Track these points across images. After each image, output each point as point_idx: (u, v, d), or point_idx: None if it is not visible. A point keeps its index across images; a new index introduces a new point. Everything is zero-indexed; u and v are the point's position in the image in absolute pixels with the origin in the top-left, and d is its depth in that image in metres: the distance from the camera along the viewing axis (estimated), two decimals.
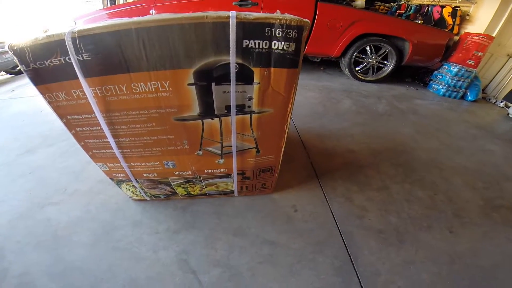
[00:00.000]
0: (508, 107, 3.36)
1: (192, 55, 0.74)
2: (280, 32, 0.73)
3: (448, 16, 3.94)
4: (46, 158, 1.84)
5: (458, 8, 3.94)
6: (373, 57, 3.56)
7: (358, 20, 3.26)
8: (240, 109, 0.90)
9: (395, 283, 1.06)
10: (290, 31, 0.73)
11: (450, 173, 1.79)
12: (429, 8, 4.08)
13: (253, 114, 0.93)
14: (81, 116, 0.88)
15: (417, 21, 3.99)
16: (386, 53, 3.54)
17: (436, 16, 4.04)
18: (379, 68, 3.73)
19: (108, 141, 0.96)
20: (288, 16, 0.72)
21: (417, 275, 1.09)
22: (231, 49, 0.74)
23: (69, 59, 0.72)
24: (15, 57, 0.73)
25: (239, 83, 0.82)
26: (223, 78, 0.81)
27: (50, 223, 1.28)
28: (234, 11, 0.71)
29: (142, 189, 1.25)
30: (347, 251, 1.17)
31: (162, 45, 0.72)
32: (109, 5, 3.98)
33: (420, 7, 4.13)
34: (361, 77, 3.73)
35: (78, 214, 1.34)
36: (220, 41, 0.73)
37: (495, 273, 1.13)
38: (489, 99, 3.87)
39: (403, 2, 4.22)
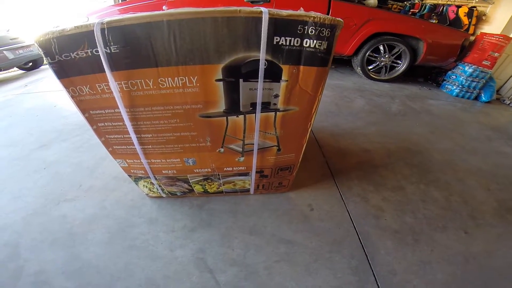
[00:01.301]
0: None
1: (222, 50, 0.73)
2: (313, 30, 0.72)
3: (464, 16, 3.88)
4: (61, 153, 1.85)
5: (475, 8, 3.87)
6: (386, 56, 3.53)
7: (371, 19, 3.22)
8: (266, 106, 0.89)
9: (410, 282, 1.05)
10: (323, 30, 0.72)
11: (465, 174, 1.77)
12: (444, 8, 4.02)
13: (277, 112, 0.92)
14: (104, 111, 0.87)
15: (431, 21, 3.93)
16: (399, 52, 3.50)
17: (452, 16, 3.99)
18: (392, 68, 3.69)
19: (130, 137, 0.95)
20: (322, 14, 0.71)
21: (432, 274, 1.09)
22: (261, 45, 0.72)
23: (97, 51, 0.71)
24: (40, 49, 0.71)
25: (267, 80, 0.81)
26: (251, 75, 0.79)
27: (65, 220, 1.29)
28: (266, 8, 0.69)
29: (160, 186, 1.25)
30: (364, 251, 1.17)
31: (193, 38, 0.70)
32: (120, 1, 3.98)
33: (435, 6, 4.07)
34: (373, 76, 3.70)
35: (94, 211, 1.34)
36: (251, 37, 0.71)
37: (509, 274, 1.12)
38: (504, 100, 3.80)
39: (417, 1, 4.16)
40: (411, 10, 4.08)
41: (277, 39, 0.72)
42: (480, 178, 1.74)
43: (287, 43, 0.74)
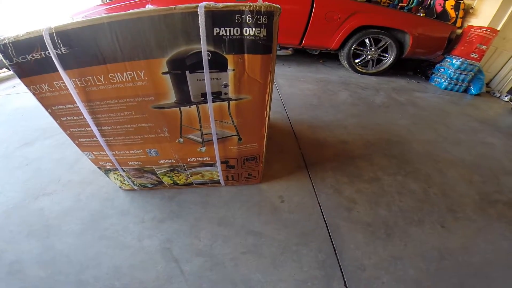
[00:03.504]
0: None
1: (164, 45, 0.76)
2: (251, 19, 0.74)
3: (451, 9, 3.88)
4: (43, 150, 1.88)
5: (462, 1, 3.87)
6: (373, 49, 3.52)
7: (356, 12, 3.21)
8: (217, 96, 0.91)
9: (379, 279, 1.03)
10: (260, 17, 0.74)
11: (446, 165, 1.76)
12: (432, 1, 4.01)
13: (230, 101, 0.94)
14: (64, 106, 0.91)
15: (419, 14, 3.93)
16: (386, 45, 3.50)
17: (439, 9, 3.99)
18: (379, 61, 3.69)
19: (92, 130, 0.99)
20: (258, 2, 0.73)
21: (403, 271, 1.07)
22: (201, 37, 0.75)
23: (49, 53, 0.76)
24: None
25: (214, 70, 0.83)
26: (197, 66, 0.82)
27: (42, 212, 1.31)
28: (204, 2, 0.72)
29: (129, 178, 1.28)
30: (332, 244, 1.16)
31: (134, 37, 0.74)
32: (107, 1, 3.98)
33: (422, 0, 4.06)
34: (360, 69, 3.70)
35: (69, 203, 1.36)
36: (190, 30, 0.74)
37: (487, 271, 1.10)
38: (494, 93, 3.80)
39: None
40: (400, 4, 4.07)
41: (216, 30, 0.75)
42: (462, 170, 1.72)
43: (228, 33, 0.76)
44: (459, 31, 3.64)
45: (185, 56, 0.79)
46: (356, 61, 3.65)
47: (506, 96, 3.57)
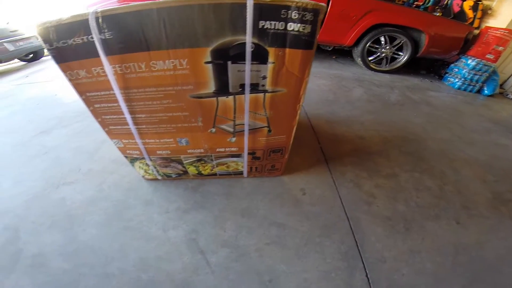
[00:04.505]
0: None
1: (210, 34, 0.76)
2: (296, 15, 0.75)
3: (469, 9, 3.84)
4: (61, 139, 1.89)
5: (480, 2, 3.82)
6: (387, 47, 3.51)
7: (372, 10, 3.19)
8: (254, 87, 0.92)
9: (399, 270, 1.05)
10: (306, 14, 0.75)
11: (461, 164, 1.77)
12: (449, 1, 3.96)
13: (266, 93, 0.94)
14: (100, 93, 0.91)
15: (435, 13, 3.88)
16: (401, 44, 3.47)
17: (456, 9, 3.94)
18: (393, 59, 3.67)
19: (125, 117, 0.99)
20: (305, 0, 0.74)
21: (421, 263, 1.09)
22: (247, 29, 0.76)
23: (92, 38, 0.75)
24: (39, 37, 0.77)
25: (254, 62, 0.84)
26: (239, 57, 0.82)
27: (64, 202, 1.32)
28: None
29: (155, 167, 1.29)
30: (354, 237, 1.18)
31: (182, 24, 0.74)
32: None
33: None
34: (374, 67, 3.68)
35: (92, 193, 1.37)
36: (237, 22, 0.75)
37: (499, 266, 1.12)
38: (507, 95, 3.76)
39: None
40: (415, 3, 4.02)
41: (262, 23, 0.76)
42: (476, 169, 1.73)
43: (272, 27, 0.77)
44: (476, 31, 3.61)
45: (229, 47, 0.79)
46: (370, 58, 3.64)
47: None
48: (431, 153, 1.86)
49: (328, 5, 3.11)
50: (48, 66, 4.42)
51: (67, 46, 0.77)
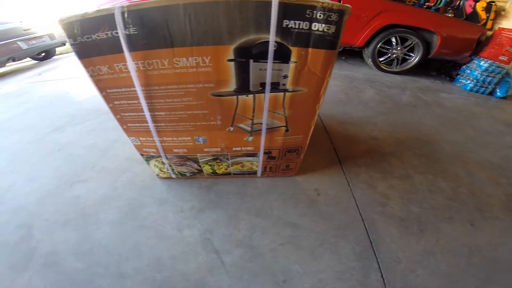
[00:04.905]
0: None
1: (234, 31, 0.76)
2: (322, 15, 0.74)
3: (482, 10, 3.76)
4: (74, 136, 1.92)
5: (493, 3, 3.75)
6: (399, 48, 3.47)
7: (384, 11, 3.16)
8: (275, 86, 0.92)
9: (414, 271, 1.05)
10: (331, 14, 0.75)
11: (474, 167, 1.75)
12: (461, 2, 3.90)
13: (286, 93, 0.94)
14: (120, 90, 0.92)
15: (447, 14, 3.83)
16: (412, 45, 3.43)
17: (469, 10, 3.88)
18: (404, 60, 3.62)
19: (144, 115, 0.99)
20: (330, 0, 0.74)
21: (436, 265, 1.09)
22: (271, 28, 0.75)
23: (116, 33, 0.75)
24: (63, 31, 0.77)
25: (276, 61, 0.84)
26: (261, 56, 0.82)
27: (78, 200, 1.33)
28: None
29: (170, 166, 1.29)
30: (369, 237, 1.17)
31: (207, 21, 0.74)
32: None
33: (451, 0, 3.96)
34: (384, 68, 3.64)
35: (105, 191, 1.38)
36: (261, 20, 0.75)
37: None
38: None
39: None
40: (426, 3, 3.97)
41: (286, 22, 0.75)
42: (490, 172, 1.71)
43: (296, 26, 0.77)
44: (489, 33, 3.54)
45: (252, 45, 0.79)
46: (381, 59, 3.60)
47: None
48: (444, 155, 1.84)
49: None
50: (60, 65, 4.48)
51: (91, 41, 0.78)
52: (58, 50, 5.46)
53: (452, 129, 2.25)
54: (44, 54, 5.05)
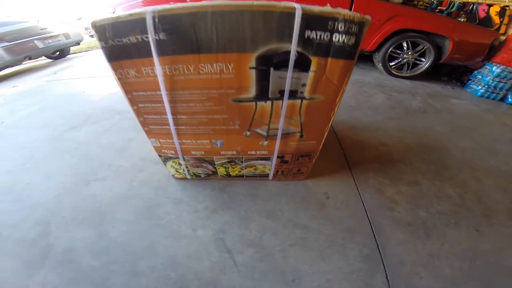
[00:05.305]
0: None
1: (257, 40, 0.80)
2: (343, 27, 0.77)
3: (496, 15, 3.75)
4: (90, 135, 1.97)
5: (508, 8, 3.72)
6: (410, 53, 3.46)
7: (396, 15, 3.17)
8: (293, 94, 0.95)
9: (418, 274, 1.08)
10: (352, 26, 0.77)
11: (483, 174, 1.75)
12: (474, 6, 3.87)
13: (304, 100, 0.98)
14: (146, 93, 0.96)
15: (459, 19, 3.81)
16: (423, 49, 3.42)
17: (482, 14, 3.86)
18: (415, 65, 3.61)
19: (166, 118, 1.03)
20: (351, 12, 0.76)
21: (440, 268, 1.11)
22: (293, 38, 0.79)
23: (146, 37, 0.78)
24: (95, 33, 0.79)
25: (296, 70, 0.87)
26: (282, 64, 0.85)
27: (95, 199, 1.37)
28: (299, 4, 0.75)
29: (187, 167, 1.34)
30: (375, 240, 1.20)
31: (233, 28, 0.77)
32: None
33: (464, 4, 3.93)
34: (395, 72, 3.64)
35: (122, 190, 1.42)
36: (284, 30, 0.78)
37: None
38: None
39: None
40: (439, 7, 3.95)
41: (308, 33, 0.78)
42: (498, 179, 1.71)
43: (318, 37, 0.80)
44: (503, 37, 3.49)
45: (274, 54, 0.82)
46: (391, 63, 3.60)
47: None
48: (453, 162, 1.84)
49: (350, 8, 3.11)
50: (75, 64, 4.58)
51: (121, 44, 0.80)
52: (72, 49, 5.60)
53: (462, 136, 2.25)
54: (59, 53, 5.18)
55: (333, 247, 1.16)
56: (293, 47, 0.81)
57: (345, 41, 0.80)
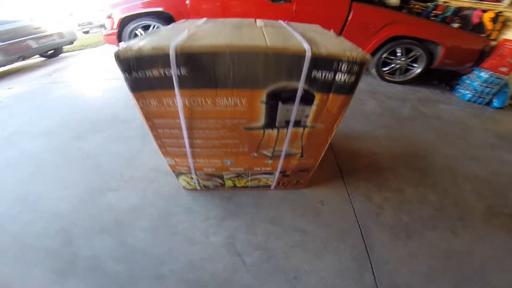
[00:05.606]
0: None
1: (269, 78, 0.88)
2: (346, 67, 0.85)
3: (489, 21, 3.76)
4: (97, 144, 2.00)
5: (501, 14, 3.74)
6: (403, 59, 3.54)
7: (391, 22, 3.24)
8: (297, 123, 1.07)
9: (399, 271, 1.22)
10: (354, 66, 0.85)
11: (462, 180, 1.88)
12: (469, 12, 3.90)
13: (306, 128, 1.10)
14: (166, 121, 1.03)
15: (453, 24, 3.85)
16: (416, 56, 3.50)
17: (476, 20, 3.87)
18: (407, 70, 3.70)
19: (183, 141, 1.13)
20: (355, 52, 0.82)
21: (418, 266, 1.26)
22: (301, 78, 0.88)
23: (169, 71, 0.81)
24: (120, 65, 0.80)
25: (301, 104, 0.98)
26: (289, 99, 0.96)
27: (111, 208, 1.44)
28: (309, 46, 0.83)
29: (198, 180, 1.45)
30: (364, 242, 1.35)
31: (248, 67, 0.84)
32: None
33: (459, 9, 3.94)
34: (387, 78, 3.72)
35: (136, 200, 1.49)
36: (293, 70, 0.87)
37: (484, 272, 1.27)
38: None
39: (440, 3, 4.03)
40: (434, 12, 3.98)
41: (314, 72, 0.87)
42: (476, 184, 1.86)
43: (322, 76, 0.88)
44: (494, 43, 3.56)
45: (282, 90, 0.93)
46: (385, 69, 3.67)
47: None
48: (436, 169, 1.97)
49: (348, 16, 3.18)
50: (69, 64, 4.45)
51: (144, 77, 0.82)
52: (65, 48, 5.46)
53: (447, 143, 2.36)
54: (52, 52, 5.04)
55: (327, 248, 1.31)
56: (301, 85, 0.90)
57: (346, 80, 0.87)
